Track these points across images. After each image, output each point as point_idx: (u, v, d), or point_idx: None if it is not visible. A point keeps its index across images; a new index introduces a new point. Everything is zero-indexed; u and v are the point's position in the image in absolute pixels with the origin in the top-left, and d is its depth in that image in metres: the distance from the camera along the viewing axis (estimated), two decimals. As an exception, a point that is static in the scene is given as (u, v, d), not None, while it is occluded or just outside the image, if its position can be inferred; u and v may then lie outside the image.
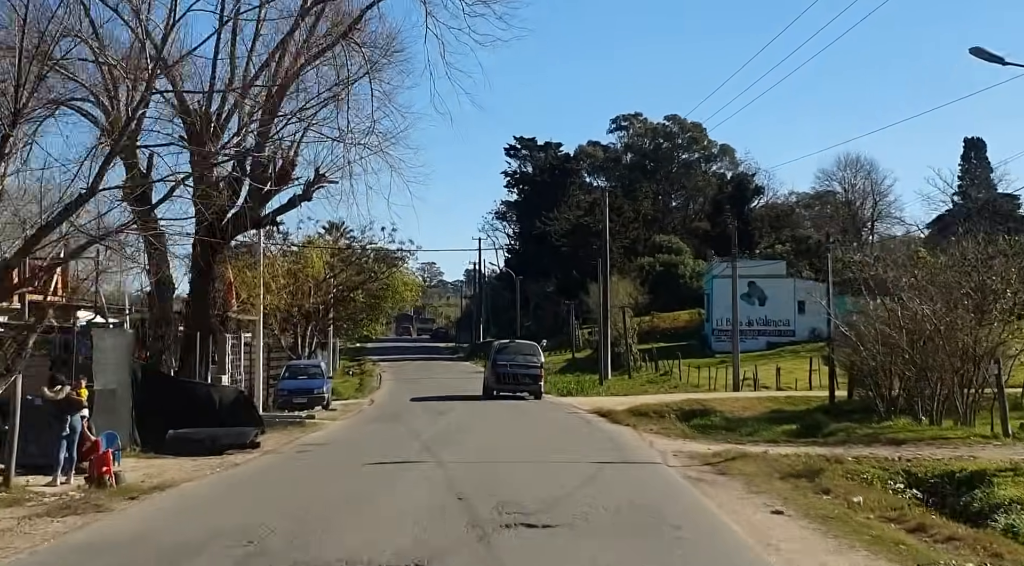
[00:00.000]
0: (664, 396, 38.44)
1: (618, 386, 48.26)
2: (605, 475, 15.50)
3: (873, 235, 76.09)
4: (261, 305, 31.82)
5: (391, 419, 27.81)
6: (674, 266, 75.95)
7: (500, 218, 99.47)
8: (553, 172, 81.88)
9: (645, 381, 49.98)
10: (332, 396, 38.35)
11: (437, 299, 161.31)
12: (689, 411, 32.86)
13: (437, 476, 15.13)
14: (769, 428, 27.33)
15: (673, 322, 68.87)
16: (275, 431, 23.34)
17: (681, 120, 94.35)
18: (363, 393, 42.37)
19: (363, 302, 54.93)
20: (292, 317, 41.02)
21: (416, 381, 49.33)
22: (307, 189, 26.40)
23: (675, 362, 50.75)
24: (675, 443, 21.76)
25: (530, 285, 78.58)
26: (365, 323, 57.05)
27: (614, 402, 34.92)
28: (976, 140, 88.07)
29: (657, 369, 52.21)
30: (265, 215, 26.62)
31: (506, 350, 37.66)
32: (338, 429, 24.67)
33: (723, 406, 32.79)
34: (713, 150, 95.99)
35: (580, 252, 73.79)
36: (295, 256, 41.41)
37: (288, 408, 32.43)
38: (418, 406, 33.53)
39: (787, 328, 60.03)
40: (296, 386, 33.69)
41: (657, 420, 30.19)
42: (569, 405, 34.38)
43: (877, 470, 17.77)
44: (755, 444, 22.65)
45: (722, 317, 60.45)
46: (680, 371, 48.29)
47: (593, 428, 25.04)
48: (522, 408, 32.54)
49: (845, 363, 31.90)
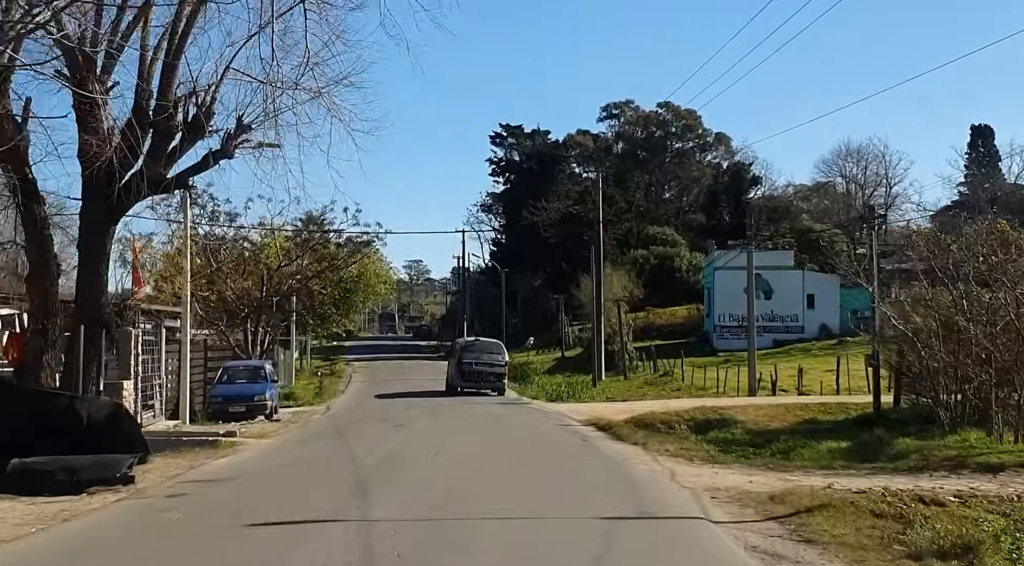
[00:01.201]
0: (669, 402, 32.52)
1: (613, 388, 42.34)
2: (622, 549, 9.51)
3: (886, 223, 70.04)
4: (188, 290, 25.78)
5: (336, 435, 21.75)
6: (670, 259, 70.06)
7: (486, 211, 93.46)
8: (541, 159, 75.70)
9: (643, 383, 44.10)
10: (285, 402, 32.52)
11: (424, 297, 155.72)
12: (704, 421, 26.90)
13: (352, 556, 9.08)
14: (809, 444, 21.34)
15: (670, 318, 62.97)
16: (171, 455, 17.29)
17: (675, 107, 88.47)
18: (323, 398, 36.37)
19: (330, 295, 48.97)
20: (240, 310, 34.97)
21: (387, 383, 43.43)
22: (227, 143, 20.34)
23: (675, 361, 44.85)
24: (703, 473, 15.82)
25: (517, 279, 72.54)
26: (335, 319, 50.95)
27: (613, 409, 29.02)
28: (983, 127, 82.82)
29: (656, 369, 46.28)
30: (172, 177, 20.51)
31: (472, 348, 37.60)
32: (259, 453, 18.54)
33: (744, 415, 26.84)
34: (708, 139, 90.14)
35: (570, 243, 67.72)
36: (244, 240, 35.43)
37: (222, 418, 26.43)
38: (377, 414, 27.64)
39: (795, 324, 54.19)
40: (233, 392, 27.68)
41: (669, 435, 24.28)
42: (560, 414, 28.44)
43: (997, 517, 11.90)
44: (804, 470, 16.79)
45: (725, 313, 54.66)
46: (683, 372, 42.32)
47: (592, 449, 19.00)
48: (502, 417, 26.56)
49: (889, 363, 26.12)
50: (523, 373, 49.37)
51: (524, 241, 72.18)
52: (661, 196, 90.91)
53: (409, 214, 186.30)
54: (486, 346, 38.32)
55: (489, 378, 36.43)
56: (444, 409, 29.31)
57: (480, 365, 36.50)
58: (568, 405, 32.47)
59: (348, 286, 50.15)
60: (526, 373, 49.20)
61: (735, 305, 54.41)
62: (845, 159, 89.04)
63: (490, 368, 36.43)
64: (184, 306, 25.61)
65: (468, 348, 37.88)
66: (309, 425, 25.08)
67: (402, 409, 29.41)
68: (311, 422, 26.25)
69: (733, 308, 54.31)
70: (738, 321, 54.49)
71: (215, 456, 17.71)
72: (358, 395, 37.43)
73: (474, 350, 37.55)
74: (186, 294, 25.73)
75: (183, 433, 20.76)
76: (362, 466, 15.72)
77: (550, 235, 69.67)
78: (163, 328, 25.64)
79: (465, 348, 37.95)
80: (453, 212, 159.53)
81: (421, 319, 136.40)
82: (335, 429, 23.23)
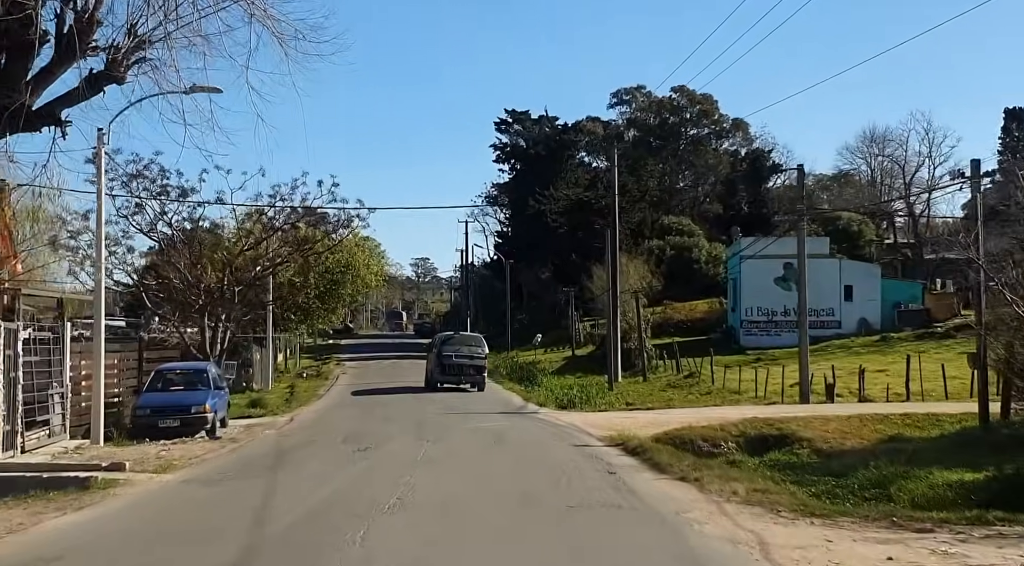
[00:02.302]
0: (704, 411, 26.47)
1: (633, 392, 36.28)
2: None
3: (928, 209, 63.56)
4: (102, 271, 19.80)
5: (270, 466, 15.59)
6: (687, 249, 63.75)
7: (491, 202, 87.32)
8: (549, 144, 69.37)
9: (664, 385, 38.06)
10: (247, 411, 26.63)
11: (431, 295, 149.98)
12: (757, 438, 20.88)
13: None
14: (912, 475, 15.22)
15: (689, 313, 56.74)
16: (9, 505, 11.30)
17: (690, 92, 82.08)
18: (294, 405, 30.35)
19: (314, 287, 43.01)
20: (193, 302, 29.00)
21: (374, 386, 37.46)
22: (113, 63, 14.27)
23: (700, 361, 38.82)
24: (807, 540, 9.74)
25: (523, 273, 66.29)
26: (319, 314, 44.96)
27: (639, 421, 22.98)
28: (1017, 110, 76.43)
29: (679, 369, 40.16)
30: (40, 107, 14.46)
31: (451, 341, 36.27)
32: (131, 504, 12.22)
33: (808, 430, 20.75)
34: (725, 125, 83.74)
35: (580, 233, 61.66)
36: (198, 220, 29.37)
37: (149, 436, 20.49)
38: (345, 428, 21.60)
39: (831, 318, 47.92)
40: (164, 402, 21.67)
41: (716, 457, 18.29)
42: (574, 428, 22.33)
43: None
44: (936, 528, 10.77)
45: (752, 306, 48.46)
46: (711, 372, 36.20)
47: (627, 493, 12.74)
48: (502, 436, 20.39)
49: (1002, 362, 20.07)
50: (530, 374, 43.30)
51: (531, 232, 66.01)
52: (675, 185, 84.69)
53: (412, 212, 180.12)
54: (466, 339, 36.80)
55: (469, 372, 35.00)
56: (430, 422, 23.24)
57: (460, 358, 34.98)
58: (583, 415, 26.41)
59: (335, 277, 44.22)
60: (533, 374, 43.13)
61: (764, 297, 48.38)
62: (870, 145, 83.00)
63: (470, 361, 34.99)
64: (97, 293, 19.66)
65: (447, 342, 36.36)
66: (248, 447, 18.96)
67: (378, 421, 23.44)
68: (255, 441, 20.15)
69: (762, 301, 48.24)
70: (767, 315, 48.44)
71: (70, 507, 11.68)
72: (335, 401, 31.50)
73: (454, 343, 36.05)
74: (100, 277, 19.79)
75: (55, 466, 14.71)
76: (261, 538, 9.63)
77: (559, 225, 63.53)
78: (69, 322, 19.59)
79: (444, 342, 36.41)
80: (458, 205, 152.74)
81: (427, 317, 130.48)
82: (276, 455, 17.16)
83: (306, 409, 28.81)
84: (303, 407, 29.54)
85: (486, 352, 36.83)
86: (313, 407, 29.68)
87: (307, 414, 27.08)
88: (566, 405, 30.81)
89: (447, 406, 28.08)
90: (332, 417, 25.18)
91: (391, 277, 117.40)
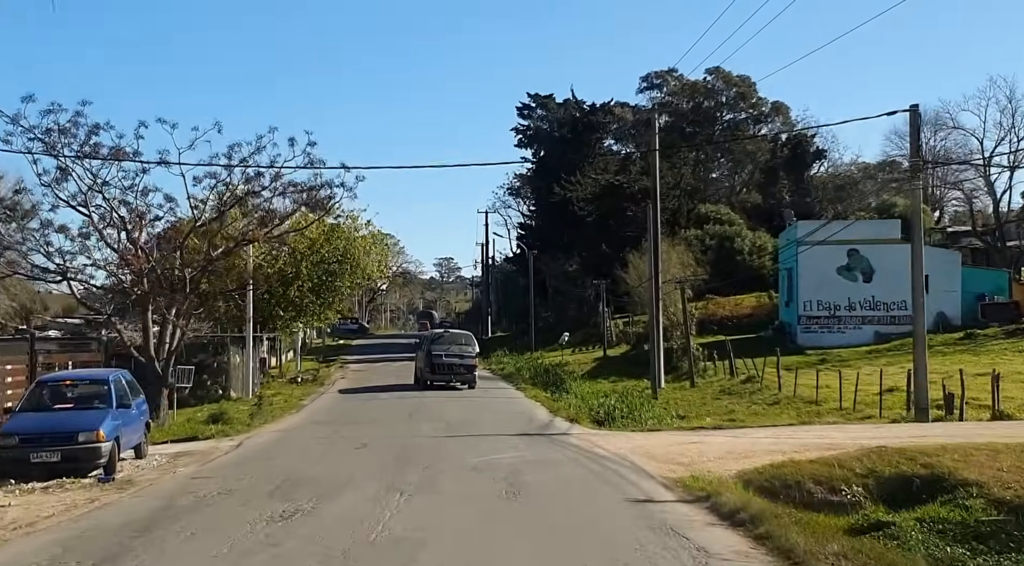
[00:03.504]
0: (790, 431, 19.55)
1: (682, 401, 29.30)
2: None
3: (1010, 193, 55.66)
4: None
5: (111, 558, 8.77)
6: (729, 239, 56.38)
7: (513, 194, 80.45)
8: (575, 126, 62.09)
9: (718, 391, 31.02)
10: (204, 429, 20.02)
11: (455, 295, 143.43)
12: (895, 480, 13.70)
13: None
14: None
15: (734, 309, 49.51)
16: None
17: (725, 73, 75.02)
18: (256, 421, 23.46)
19: (307, 279, 36.34)
20: (129, 291, 22.26)
21: (369, 396, 30.78)
22: None
23: (754, 362, 31.87)
24: None
25: (549, 265, 59.05)
26: (314, 310, 38.17)
27: (711, 449, 16.05)
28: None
29: (733, 372, 33.08)
30: None
31: (441, 340, 34.33)
32: None
33: (969, 467, 13.56)
34: (764, 109, 76.30)
35: (611, 222, 54.61)
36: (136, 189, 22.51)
37: (17, 475, 13.87)
38: (288, 471, 14.58)
39: (903, 313, 40.39)
40: (38, 427, 14.91)
41: (872, 540, 11.24)
42: (624, 461, 15.24)
43: None
44: None
45: (812, 299, 41.21)
46: (778, 377, 29.10)
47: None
48: (518, 485, 13.15)
49: None
50: (557, 378, 36.31)
51: (556, 222, 58.91)
52: (709, 175, 77.46)
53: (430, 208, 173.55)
54: (455, 337, 34.66)
55: (459, 370, 33.12)
56: (418, 451, 16.34)
57: (450, 357, 33.15)
58: (630, 437, 19.35)
59: (330, 267, 37.48)
60: (560, 378, 36.11)
61: (826, 289, 41.08)
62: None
63: (460, 360, 33.16)
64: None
65: (437, 340, 34.31)
66: (117, 508, 11.92)
67: (347, 451, 16.62)
68: (148, 490, 13.25)
69: (823, 293, 40.98)
70: (829, 309, 41.16)
71: None
72: (310, 417, 24.64)
73: (443, 342, 33.97)
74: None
75: None
76: None
77: (586, 213, 56.39)
78: None
79: (434, 340, 34.46)
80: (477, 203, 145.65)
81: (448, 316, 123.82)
82: (144, 525, 10.26)
83: (268, 428, 21.91)
84: (267, 425, 22.65)
85: (476, 350, 34.75)
86: (279, 424, 22.76)
87: (264, 436, 20.19)
88: (604, 420, 23.82)
89: (447, 424, 21.25)
90: (290, 443, 18.33)
91: (409, 274, 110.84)
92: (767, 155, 74.22)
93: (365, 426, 21.09)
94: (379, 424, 21.60)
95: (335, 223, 37.42)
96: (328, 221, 36.89)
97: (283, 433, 20.50)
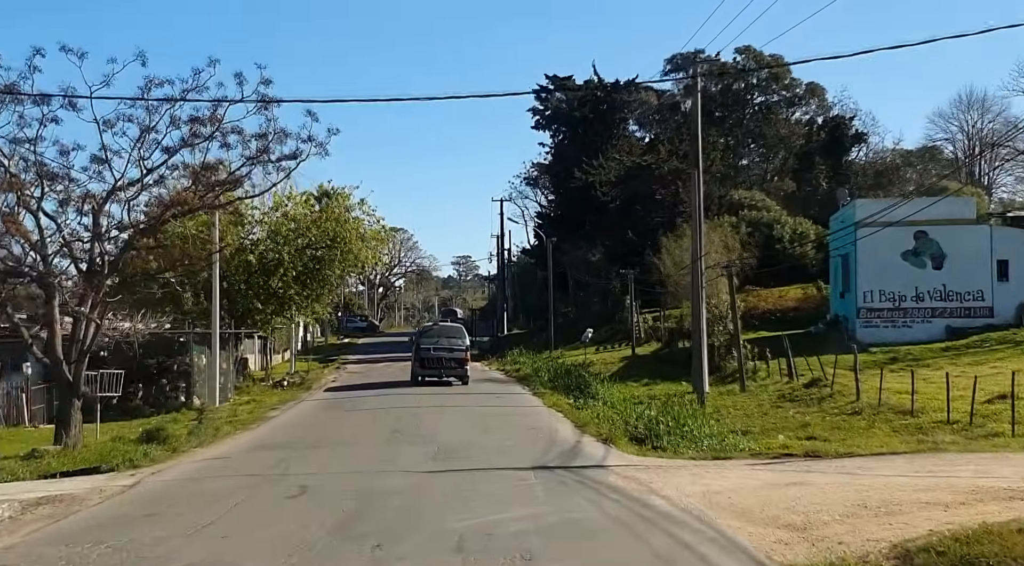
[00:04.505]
0: (927, 462, 13.64)
1: (735, 409, 23.49)
2: None
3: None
4: None
5: None
6: (767, 226, 50.34)
7: (531, 184, 74.50)
8: (597, 106, 56.10)
9: (776, 397, 25.13)
10: (126, 455, 14.45)
11: (471, 294, 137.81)
12: None
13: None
14: None
15: (777, 302, 43.44)
16: None
17: (757, 53, 68.88)
18: (190, 443, 17.68)
19: (290, 268, 30.72)
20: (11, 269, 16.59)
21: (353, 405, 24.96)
22: None
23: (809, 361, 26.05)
24: None
25: (569, 255, 52.98)
26: (298, 303, 32.39)
27: (832, 497, 10.10)
28: None
29: (791, 374, 27.09)
30: None
31: (429, 333, 32.82)
32: None
33: None
34: (798, 90, 70.25)
35: (637, 207, 48.70)
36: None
37: None
38: (154, 546, 8.84)
39: (980, 304, 34.39)
40: None
41: None
42: (699, 523, 9.35)
43: None
44: None
45: (873, 289, 35.04)
46: (856, 382, 23.03)
47: None
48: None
49: None
50: (580, 381, 30.36)
51: (577, 208, 52.95)
52: (739, 161, 71.27)
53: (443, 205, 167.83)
54: (445, 331, 33.40)
55: (450, 365, 31.53)
56: (384, 504, 10.53)
57: (439, 350, 31.50)
58: (694, 475, 13.26)
59: (318, 253, 31.81)
60: (585, 381, 30.14)
61: (889, 277, 34.85)
62: (967, 110, 69.12)
63: (449, 353, 31.55)
64: None
65: (425, 334, 32.88)
66: None
67: (262, 513, 10.72)
68: None
69: (886, 282, 34.80)
70: (893, 300, 34.96)
71: None
72: (272, 435, 18.78)
73: (432, 336, 32.42)
74: None
75: None
76: None
77: (610, 199, 50.42)
78: None
79: (422, 334, 33.14)
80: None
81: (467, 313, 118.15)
82: None
83: (200, 455, 16.09)
84: (202, 448, 16.86)
85: (467, 343, 33.02)
86: (217, 448, 16.93)
87: (182, 468, 14.41)
88: (645, 438, 17.94)
89: (438, 448, 15.52)
90: (199, 488, 12.51)
91: (424, 270, 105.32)
92: (802, 140, 68.11)
93: (325, 452, 15.34)
94: (345, 449, 15.82)
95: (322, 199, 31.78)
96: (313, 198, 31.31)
97: (208, 464, 14.71)
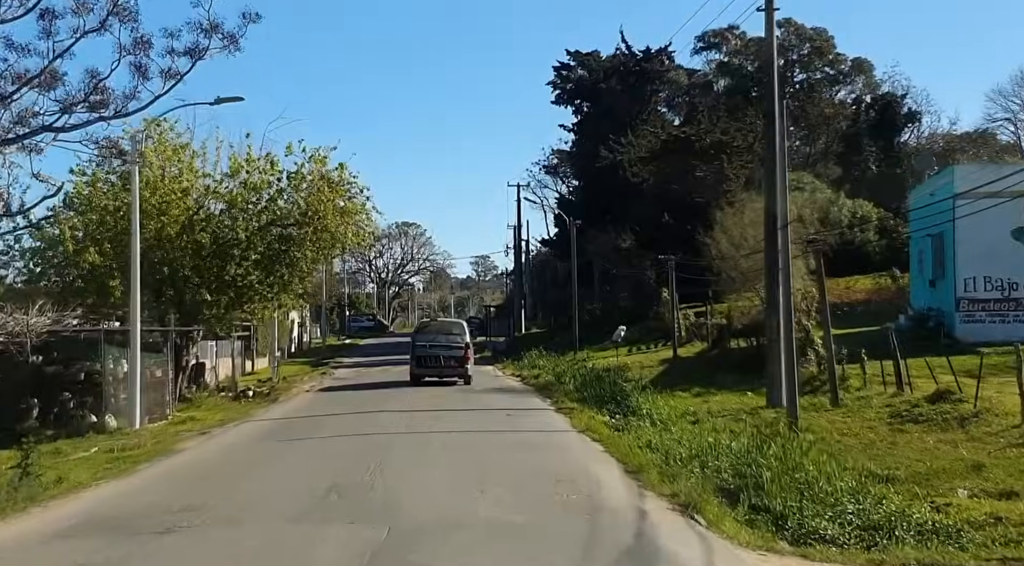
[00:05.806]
0: None
1: (834, 431, 16.11)
2: None
3: None
4: None
5: None
6: (821, 209, 42.82)
7: (551, 172, 67.36)
8: (626, 76, 48.77)
9: (887, 414, 17.51)
10: None
11: (489, 294, 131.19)
12: None
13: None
14: None
15: (844, 293, 36.00)
16: None
17: (799, 26, 61.75)
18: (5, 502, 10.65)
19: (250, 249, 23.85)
20: None
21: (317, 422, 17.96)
22: None
23: (907, 366, 18.86)
24: None
25: (595, 241, 45.33)
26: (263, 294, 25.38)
27: None
28: None
29: (900, 384, 19.63)
30: None
31: (426, 330, 30.44)
32: None
33: None
34: (843, 67, 62.86)
35: (674, 186, 41.42)
36: None
37: None
38: None
39: (1102, 296, 26.86)
40: None
41: None
42: None
43: None
44: None
45: (977, 275, 27.47)
46: (1022, 396, 15.55)
47: None
48: None
49: None
50: (617, 390, 22.93)
51: (603, 191, 45.70)
52: (776, 146, 63.67)
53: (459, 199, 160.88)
54: (443, 327, 30.83)
55: (450, 363, 28.46)
56: None
57: (435, 348, 28.66)
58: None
59: (286, 232, 24.91)
60: (622, 391, 22.68)
61: (996, 262, 27.15)
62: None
63: (448, 351, 28.55)
64: None
65: (422, 330, 30.66)
66: None
67: None
68: None
69: (993, 267, 27.24)
70: (1002, 289, 27.39)
71: None
72: (154, 488, 11.69)
73: (429, 332, 29.85)
74: None
75: None
76: None
77: (641, 180, 43.16)
78: None
79: (419, 330, 31.01)
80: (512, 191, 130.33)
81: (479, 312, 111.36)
82: None
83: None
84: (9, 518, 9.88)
85: (466, 340, 29.95)
86: (23, 523, 9.90)
87: None
88: (737, 490, 10.79)
89: (395, 535, 8.34)
90: None
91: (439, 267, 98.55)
92: (848, 121, 60.68)
93: (181, 545, 8.23)
94: (221, 535, 8.72)
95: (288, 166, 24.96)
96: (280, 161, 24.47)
97: None
